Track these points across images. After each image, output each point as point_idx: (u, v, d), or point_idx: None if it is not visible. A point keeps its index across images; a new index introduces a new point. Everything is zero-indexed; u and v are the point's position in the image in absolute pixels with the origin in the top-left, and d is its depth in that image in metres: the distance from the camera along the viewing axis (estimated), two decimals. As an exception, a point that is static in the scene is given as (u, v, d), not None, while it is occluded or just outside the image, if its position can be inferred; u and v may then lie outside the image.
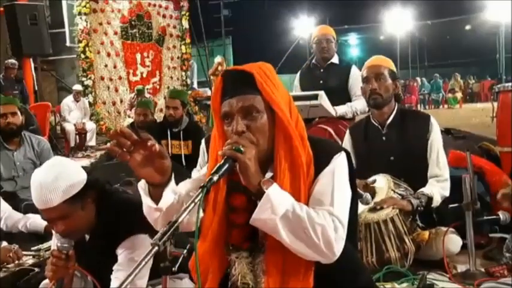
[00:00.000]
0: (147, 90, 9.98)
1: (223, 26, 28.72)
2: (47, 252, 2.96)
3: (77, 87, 9.22)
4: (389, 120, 2.72)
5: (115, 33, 10.00)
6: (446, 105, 20.02)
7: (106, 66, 9.84)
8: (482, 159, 3.32)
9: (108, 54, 9.88)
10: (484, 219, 2.44)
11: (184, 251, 1.22)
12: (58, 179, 1.73)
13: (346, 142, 2.87)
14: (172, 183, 1.41)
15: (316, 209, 1.36)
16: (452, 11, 26.80)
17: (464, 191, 2.32)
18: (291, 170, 1.40)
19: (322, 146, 1.49)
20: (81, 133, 8.89)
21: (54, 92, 11.37)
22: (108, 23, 9.89)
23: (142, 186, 1.41)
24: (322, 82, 3.96)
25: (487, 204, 2.84)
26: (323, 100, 3.66)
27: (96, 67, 9.63)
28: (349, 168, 1.48)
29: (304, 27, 23.26)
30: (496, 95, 3.95)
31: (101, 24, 9.76)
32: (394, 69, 2.77)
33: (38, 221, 3.25)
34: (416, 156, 2.63)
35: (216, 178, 1.29)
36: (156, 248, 1.12)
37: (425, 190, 2.53)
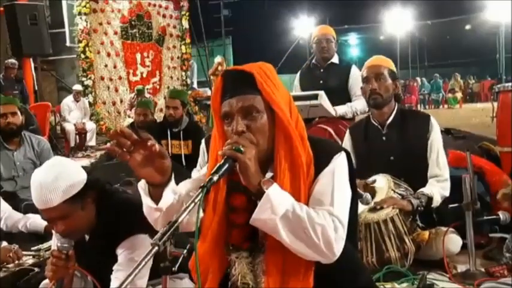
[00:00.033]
0: (147, 90, 9.98)
1: (223, 26, 28.73)
2: (47, 252, 2.96)
3: (77, 87, 9.21)
4: (389, 120, 2.72)
5: (115, 33, 10.01)
6: (446, 105, 20.02)
7: (106, 66, 9.85)
8: (482, 159, 3.32)
9: (108, 54, 9.88)
10: (484, 219, 2.44)
11: (184, 251, 1.22)
12: (58, 179, 1.73)
13: (346, 142, 2.87)
14: (172, 183, 1.41)
15: (316, 209, 1.36)
16: (452, 11, 26.80)
17: (464, 191, 2.32)
18: (291, 170, 1.40)
19: (322, 146, 1.49)
20: (81, 133, 8.89)
21: (54, 92, 11.37)
22: (108, 23, 9.89)
23: (142, 186, 1.41)
24: (322, 82, 3.96)
25: (487, 204, 2.84)
26: (323, 100, 3.66)
27: (96, 67, 9.64)
28: (349, 168, 1.48)
29: (304, 27, 23.26)
30: (496, 95, 3.95)
31: (101, 24, 9.76)
32: (394, 69, 2.77)
33: (38, 221, 3.25)
34: (416, 156, 2.63)
35: (216, 178, 1.29)
36: (156, 248, 1.13)
37: (425, 190, 2.53)
